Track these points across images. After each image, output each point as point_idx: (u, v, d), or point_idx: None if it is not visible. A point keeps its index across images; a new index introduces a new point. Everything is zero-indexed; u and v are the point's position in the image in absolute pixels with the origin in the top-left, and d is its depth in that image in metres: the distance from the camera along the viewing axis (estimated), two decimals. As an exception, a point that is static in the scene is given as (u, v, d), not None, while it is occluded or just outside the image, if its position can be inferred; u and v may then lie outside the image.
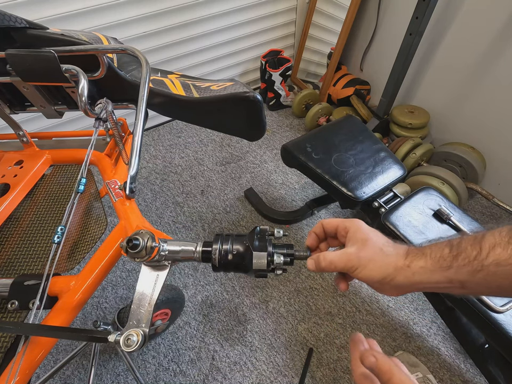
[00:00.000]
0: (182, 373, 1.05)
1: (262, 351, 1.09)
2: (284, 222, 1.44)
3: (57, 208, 0.79)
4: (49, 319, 0.53)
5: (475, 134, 1.46)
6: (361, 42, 1.82)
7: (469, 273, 0.32)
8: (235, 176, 1.68)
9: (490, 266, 0.31)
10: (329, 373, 1.05)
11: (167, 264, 0.46)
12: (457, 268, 0.33)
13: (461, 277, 0.32)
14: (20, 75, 0.61)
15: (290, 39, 2.12)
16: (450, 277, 0.33)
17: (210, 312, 1.18)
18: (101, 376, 1.05)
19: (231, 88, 0.74)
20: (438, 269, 0.34)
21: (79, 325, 1.16)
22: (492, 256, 0.31)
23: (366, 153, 1.18)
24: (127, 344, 0.40)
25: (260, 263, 0.42)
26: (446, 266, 0.33)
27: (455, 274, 0.33)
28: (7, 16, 0.56)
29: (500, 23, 1.21)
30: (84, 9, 1.34)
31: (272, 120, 2.03)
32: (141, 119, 0.55)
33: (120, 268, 1.31)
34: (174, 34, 1.65)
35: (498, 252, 0.31)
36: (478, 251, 0.32)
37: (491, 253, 0.31)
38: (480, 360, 0.89)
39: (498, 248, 0.31)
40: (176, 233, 1.44)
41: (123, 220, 0.63)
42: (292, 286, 1.25)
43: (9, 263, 0.67)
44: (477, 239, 0.33)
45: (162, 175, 1.69)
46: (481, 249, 0.32)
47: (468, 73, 1.39)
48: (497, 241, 0.31)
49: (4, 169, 0.80)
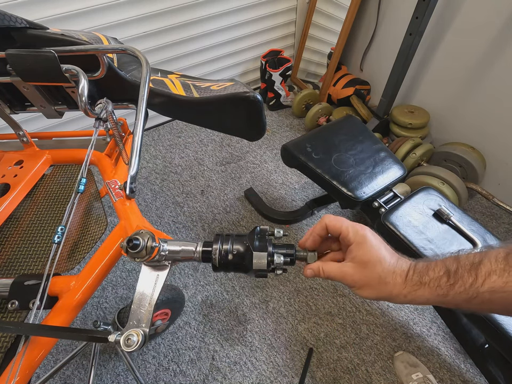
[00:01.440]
0: (182, 373, 1.05)
1: (262, 351, 1.09)
2: (284, 222, 1.44)
3: (57, 208, 0.79)
4: (49, 319, 0.53)
5: (475, 134, 1.46)
6: (361, 42, 1.82)
7: (464, 300, 0.33)
8: (235, 176, 1.68)
9: (485, 293, 0.32)
10: (329, 373, 1.05)
11: (167, 264, 0.46)
12: (454, 295, 0.34)
13: (456, 303, 0.34)
14: (20, 75, 0.61)
15: (290, 39, 2.12)
16: (447, 302, 0.35)
17: (210, 312, 1.18)
18: (101, 376, 1.05)
19: (231, 88, 0.74)
20: (435, 296, 0.35)
21: (79, 325, 1.16)
22: (487, 283, 0.32)
23: (366, 153, 1.18)
24: (127, 344, 0.40)
25: (260, 263, 0.42)
26: (443, 294, 0.34)
27: (452, 300, 0.34)
28: (7, 16, 0.56)
29: (500, 23, 1.21)
30: (83, 9, 1.34)
31: (272, 120, 2.03)
32: (141, 119, 0.55)
33: (120, 268, 1.31)
34: (174, 34, 1.65)
35: (494, 279, 0.31)
36: (474, 278, 0.32)
37: (486, 281, 0.32)
38: (480, 360, 0.89)
39: (494, 275, 0.31)
40: (176, 233, 1.44)
41: (123, 219, 0.63)
42: (292, 286, 1.25)
43: (9, 263, 0.67)
44: (474, 265, 0.33)
45: (162, 175, 1.69)
46: (477, 276, 0.32)
47: (468, 73, 1.39)
48: (493, 268, 0.32)
49: (4, 169, 0.80)
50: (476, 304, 0.33)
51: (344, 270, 0.39)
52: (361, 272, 0.38)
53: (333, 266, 0.40)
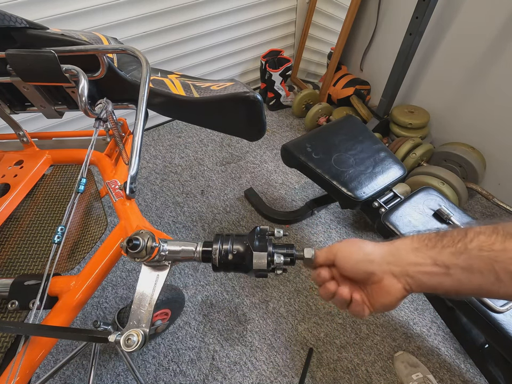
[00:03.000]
0: (182, 373, 1.05)
1: (262, 351, 1.09)
2: (283, 222, 1.44)
3: (57, 208, 0.79)
4: (49, 319, 0.53)
5: (475, 134, 1.46)
6: (361, 42, 1.82)
7: (452, 254, 0.33)
8: (235, 176, 1.68)
9: (473, 250, 0.32)
10: (329, 373, 1.05)
11: (167, 264, 0.46)
12: (442, 248, 0.34)
13: (445, 259, 0.33)
14: (20, 75, 0.61)
15: (290, 39, 2.12)
16: (434, 256, 0.34)
17: (210, 312, 1.18)
18: (101, 376, 1.05)
19: (231, 88, 0.74)
20: (422, 247, 0.35)
21: (79, 325, 1.16)
22: (475, 241, 0.32)
23: (366, 153, 1.18)
24: (128, 344, 0.40)
25: (260, 263, 0.42)
26: (431, 245, 0.35)
27: (439, 254, 0.34)
28: (7, 16, 0.56)
29: (499, 23, 1.21)
30: (83, 9, 1.34)
31: (272, 120, 2.03)
32: (141, 119, 0.55)
33: (120, 268, 1.31)
34: (174, 34, 1.65)
35: (482, 239, 0.32)
36: (463, 235, 0.33)
37: (475, 239, 0.32)
38: (480, 360, 0.89)
39: (482, 236, 0.32)
40: (176, 233, 1.44)
41: (123, 220, 0.63)
42: (292, 286, 1.25)
43: (9, 263, 0.67)
44: (463, 228, 0.34)
45: (162, 175, 1.69)
46: (466, 234, 0.33)
47: (468, 73, 1.39)
48: (482, 230, 0.33)
49: (4, 169, 0.80)
50: (464, 261, 0.32)
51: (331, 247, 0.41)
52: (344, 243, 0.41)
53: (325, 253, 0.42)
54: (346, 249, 0.40)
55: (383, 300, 0.37)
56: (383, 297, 0.37)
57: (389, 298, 0.37)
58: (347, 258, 0.39)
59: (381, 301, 0.37)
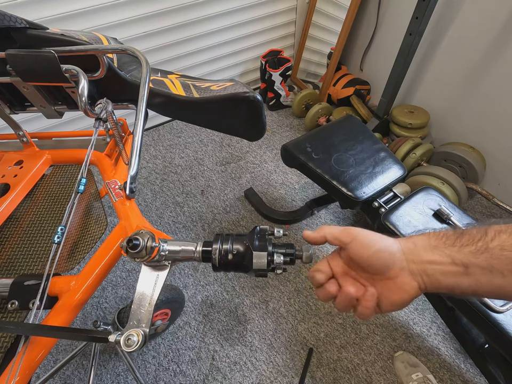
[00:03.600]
0: (182, 373, 1.05)
1: (262, 351, 1.09)
2: (284, 222, 1.44)
3: (57, 208, 0.79)
4: (49, 319, 0.53)
5: (475, 134, 1.46)
6: (361, 42, 1.82)
7: (472, 253, 0.31)
8: (235, 176, 1.68)
9: (494, 249, 0.30)
10: (329, 373, 1.05)
11: (167, 264, 0.46)
12: (461, 247, 0.32)
13: (463, 257, 0.31)
14: (20, 75, 0.61)
15: (290, 39, 2.12)
16: (453, 255, 0.32)
17: (210, 312, 1.18)
18: (101, 376, 1.05)
19: (231, 88, 0.74)
20: (440, 244, 0.33)
21: (79, 325, 1.16)
22: (497, 240, 0.30)
23: (366, 153, 1.18)
24: (128, 344, 0.40)
25: (260, 262, 0.42)
26: (450, 244, 0.33)
27: (458, 253, 0.32)
28: (7, 16, 0.56)
29: (499, 23, 1.21)
30: (84, 9, 1.34)
31: (272, 120, 2.03)
32: (141, 119, 0.55)
33: (120, 268, 1.31)
34: (174, 34, 1.65)
35: (504, 238, 0.30)
36: (483, 234, 0.31)
37: (496, 238, 0.31)
38: (480, 360, 0.89)
39: (504, 234, 0.30)
40: (176, 233, 1.44)
41: (123, 220, 0.63)
42: (292, 286, 1.25)
43: (9, 263, 0.67)
44: (483, 227, 0.32)
45: (162, 175, 1.69)
46: (487, 233, 0.31)
47: (468, 73, 1.39)
48: (503, 229, 0.31)
49: (4, 169, 0.80)
50: (484, 260, 0.30)
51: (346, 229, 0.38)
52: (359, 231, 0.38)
53: (335, 227, 0.39)
54: (368, 236, 0.37)
55: (395, 298, 0.34)
56: (395, 295, 0.34)
57: (402, 296, 0.34)
58: (368, 245, 0.36)
59: (393, 298, 0.35)
